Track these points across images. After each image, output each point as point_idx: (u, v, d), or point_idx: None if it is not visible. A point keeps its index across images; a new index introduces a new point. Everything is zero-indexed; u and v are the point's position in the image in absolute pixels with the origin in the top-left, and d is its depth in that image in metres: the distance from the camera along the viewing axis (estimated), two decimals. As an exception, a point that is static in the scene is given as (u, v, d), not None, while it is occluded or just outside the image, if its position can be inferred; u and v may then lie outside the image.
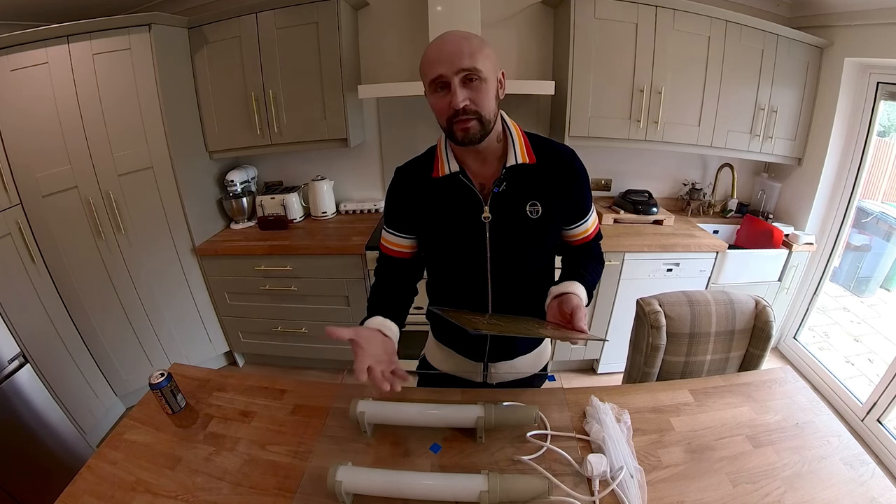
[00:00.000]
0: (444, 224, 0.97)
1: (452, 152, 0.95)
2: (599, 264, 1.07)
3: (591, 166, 2.90)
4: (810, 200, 2.28)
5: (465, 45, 0.82)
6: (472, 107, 0.83)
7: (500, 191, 0.94)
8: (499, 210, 0.94)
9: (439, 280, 1.10)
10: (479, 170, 0.95)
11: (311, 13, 2.00)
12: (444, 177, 0.95)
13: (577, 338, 0.84)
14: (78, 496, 0.86)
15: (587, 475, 0.87)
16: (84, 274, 1.99)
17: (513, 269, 0.99)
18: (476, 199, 0.94)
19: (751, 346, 1.30)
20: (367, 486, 0.83)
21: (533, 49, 2.32)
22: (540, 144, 0.97)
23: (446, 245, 1.00)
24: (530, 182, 0.95)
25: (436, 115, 0.89)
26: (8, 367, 1.54)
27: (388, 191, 1.05)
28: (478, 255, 0.97)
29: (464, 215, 0.95)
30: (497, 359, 1.12)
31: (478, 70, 0.82)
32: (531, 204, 0.94)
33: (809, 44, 2.11)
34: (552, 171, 0.95)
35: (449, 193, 0.96)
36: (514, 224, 0.95)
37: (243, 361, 2.69)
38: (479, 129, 0.85)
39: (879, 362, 2.50)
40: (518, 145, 0.94)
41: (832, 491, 0.85)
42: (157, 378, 1.02)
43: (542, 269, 1.05)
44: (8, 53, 1.69)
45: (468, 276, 1.01)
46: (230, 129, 2.24)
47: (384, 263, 1.09)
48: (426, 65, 0.85)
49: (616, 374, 2.45)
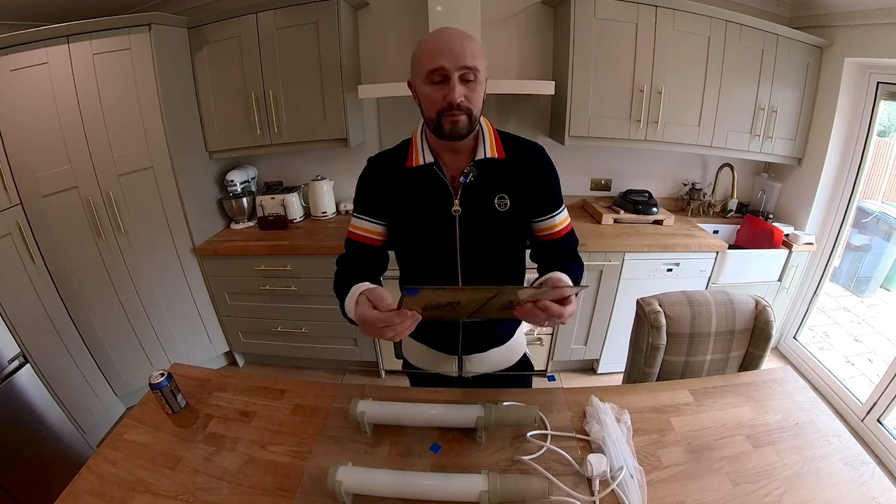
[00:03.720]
0: (414, 215, 0.99)
1: (428, 144, 0.97)
2: (578, 263, 1.07)
3: (591, 166, 2.91)
4: (810, 200, 2.28)
5: (468, 44, 0.85)
6: (466, 104, 0.86)
7: (467, 181, 0.95)
8: (468, 203, 0.96)
9: (410, 272, 1.11)
10: (451, 162, 0.97)
11: (311, 13, 2.00)
12: (418, 167, 0.97)
13: (555, 295, 0.80)
14: (78, 496, 0.86)
15: (587, 475, 0.87)
16: (84, 274, 1.99)
17: (482, 261, 1.01)
18: (447, 191, 0.96)
19: (751, 346, 1.30)
20: (367, 486, 0.83)
21: (533, 49, 2.32)
22: (509, 141, 1.00)
23: (416, 236, 1.01)
24: (499, 176, 0.97)
25: (424, 105, 0.90)
26: (8, 367, 1.54)
27: (359, 179, 1.05)
28: (447, 247, 0.99)
29: (434, 207, 0.97)
30: (470, 351, 1.13)
31: (477, 70, 0.85)
32: (499, 197, 0.97)
33: (809, 44, 2.11)
34: (520, 166, 0.98)
35: (420, 184, 0.98)
36: (482, 216, 0.97)
37: (243, 361, 2.69)
38: (467, 125, 0.88)
39: (879, 362, 2.50)
40: (489, 140, 0.97)
41: (832, 491, 0.85)
42: (157, 378, 1.02)
43: (511, 261, 1.07)
44: (8, 53, 1.69)
45: (438, 268, 1.02)
46: (230, 129, 2.24)
47: (350, 251, 1.06)
48: (426, 55, 0.86)
49: (616, 374, 2.45)
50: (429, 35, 0.88)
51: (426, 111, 0.90)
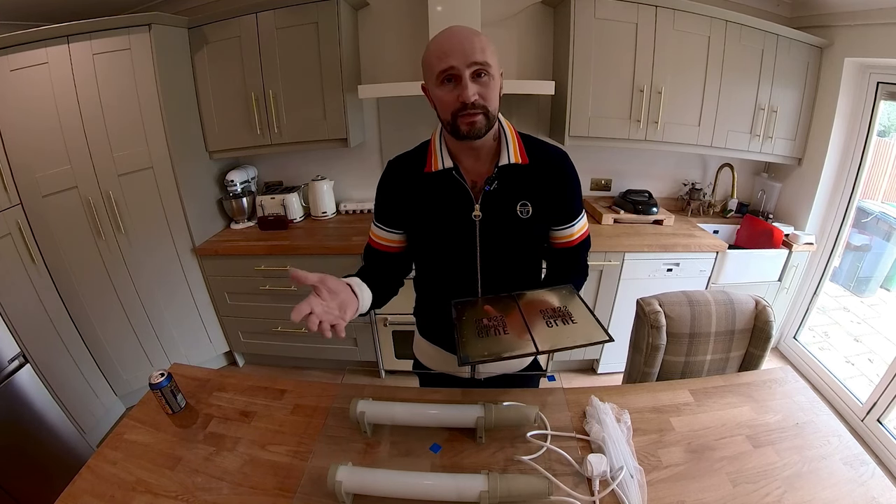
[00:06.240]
0: (433, 220, 0.98)
1: (447, 148, 0.95)
2: (583, 275, 1.07)
3: (591, 166, 2.91)
4: (810, 200, 2.28)
5: (475, 39, 0.82)
6: (481, 101, 0.83)
7: (491, 189, 0.94)
8: (489, 209, 0.95)
9: (428, 276, 1.10)
10: (472, 167, 0.95)
11: (311, 13, 2.00)
12: (437, 172, 0.95)
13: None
14: (78, 496, 0.86)
15: (587, 475, 0.86)
16: (84, 274, 1.99)
17: (501, 267, 1.00)
18: (467, 196, 0.95)
19: (751, 346, 1.30)
20: (367, 486, 0.83)
21: (533, 49, 2.32)
22: (533, 146, 0.98)
23: (435, 241, 1.00)
24: (522, 182, 0.95)
25: (439, 108, 0.88)
26: (8, 367, 1.54)
27: (379, 183, 1.04)
28: (467, 253, 0.98)
29: (454, 212, 0.96)
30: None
31: (488, 65, 0.82)
32: (521, 204, 0.95)
33: (809, 44, 2.11)
34: (544, 173, 0.96)
35: (440, 189, 0.96)
36: (503, 223, 0.95)
37: (243, 361, 2.69)
38: (484, 124, 0.86)
39: (879, 362, 2.50)
40: (512, 145, 0.94)
41: (832, 491, 0.85)
42: (157, 378, 1.02)
43: (530, 267, 1.06)
44: (8, 53, 1.69)
45: (457, 273, 1.01)
46: (230, 129, 2.24)
47: (370, 255, 1.08)
48: (435, 56, 0.84)
49: (616, 374, 2.45)
50: (436, 36, 0.86)
51: (441, 113, 0.88)
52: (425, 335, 1.19)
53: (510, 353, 0.82)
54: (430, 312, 1.15)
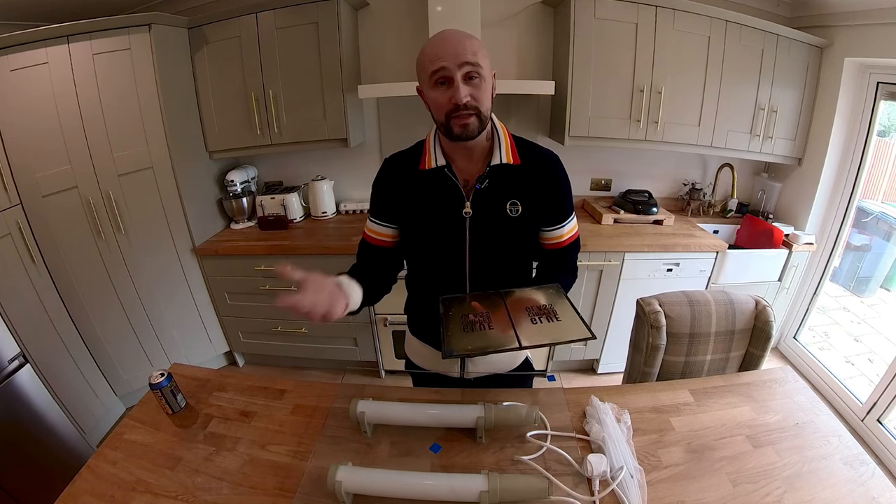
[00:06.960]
0: (425, 216, 0.99)
1: (441, 147, 0.97)
2: (572, 276, 1.09)
3: (591, 166, 2.91)
4: (810, 200, 2.28)
5: (467, 42, 0.85)
6: (473, 102, 0.85)
7: (482, 187, 0.96)
8: (479, 206, 0.96)
9: (418, 272, 1.12)
10: (465, 166, 0.97)
11: (310, 13, 2.00)
12: (430, 170, 0.97)
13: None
14: (78, 496, 0.86)
15: (587, 475, 0.87)
16: (84, 274, 1.99)
17: (490, 265, 1.01)
18: (459, 194, 0.97)
19: (751, 346, 1.30)
20: (367, 486, 0.83)
21: (533, 49, 2.32)
22: (525, 147, 1.00)
23: (426, 236, 1.02)
24: (513, 182, 0.97)
25: (433, 109, 0.90)
26: (8, 367, 1.54)
27: (375, 179, 1.07)
28: (457, 249, 0.99)
29: (445, 209, 0.97)
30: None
31: (479, 66, 0.84)
32: (511, 203, 0.97)
33: (809, 44, 2.11)
34: (535, 174, 0.98)
35: (433, 186, 0.98)
36: (493, 221, 0.97)
37: (243, 361, 2.69)
38: (477, 125, 0.88)
39: (879, 362, 2.50)
40: (504, 146, 0.96)
41: (832, 491, 0.85)
42: (157, 378, 1.02)
43: (518, 266, 1.07)
44: (8, 53, 1.69)
45: (446, 269, 1.03)
46: (230, 129, 2.24)
47: (364, 250, 1.11)
48: (427, 58, 0.86)
49: (616, 374, 2.45)
50: (429, 39, 0.89)
51: (435, 115, 0.90)
52: (416, 333, 1.21)
53: (494, 347, 0.84)
54: (419, 309, 1.17)
